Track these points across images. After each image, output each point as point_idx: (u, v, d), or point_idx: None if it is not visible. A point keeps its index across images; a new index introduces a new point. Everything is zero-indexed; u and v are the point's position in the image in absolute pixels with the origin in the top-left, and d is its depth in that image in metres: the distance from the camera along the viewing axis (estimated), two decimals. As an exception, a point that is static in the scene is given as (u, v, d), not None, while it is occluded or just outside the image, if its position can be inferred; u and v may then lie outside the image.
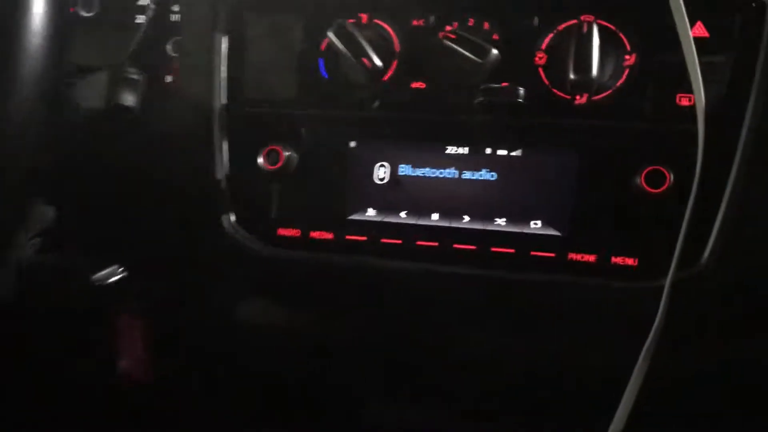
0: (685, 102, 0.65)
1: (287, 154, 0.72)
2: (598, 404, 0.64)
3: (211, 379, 0.82)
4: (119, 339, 0.81)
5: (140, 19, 0.81)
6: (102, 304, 0.79)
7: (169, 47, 0.80)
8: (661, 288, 0.62)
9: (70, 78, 0.76)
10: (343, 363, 0.77)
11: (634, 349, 0.62)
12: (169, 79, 0.79)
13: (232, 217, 0.74)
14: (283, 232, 0.73)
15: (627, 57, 0.66)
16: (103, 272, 0.77)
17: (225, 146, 0.75)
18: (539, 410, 0.75)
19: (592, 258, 0.66)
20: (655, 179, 0.63)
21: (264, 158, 0.72)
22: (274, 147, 0.72)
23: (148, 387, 0.82)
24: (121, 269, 0.78)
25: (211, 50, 0.76)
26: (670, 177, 0.63)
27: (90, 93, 0.72)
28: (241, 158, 0.74)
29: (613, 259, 0.65)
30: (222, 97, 0.75)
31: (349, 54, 0.70)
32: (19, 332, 0.80)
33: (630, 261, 0.65)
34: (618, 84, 0.66)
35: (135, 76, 0.75)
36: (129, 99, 0.75)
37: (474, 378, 0.75)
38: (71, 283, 0.77)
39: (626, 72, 0.66)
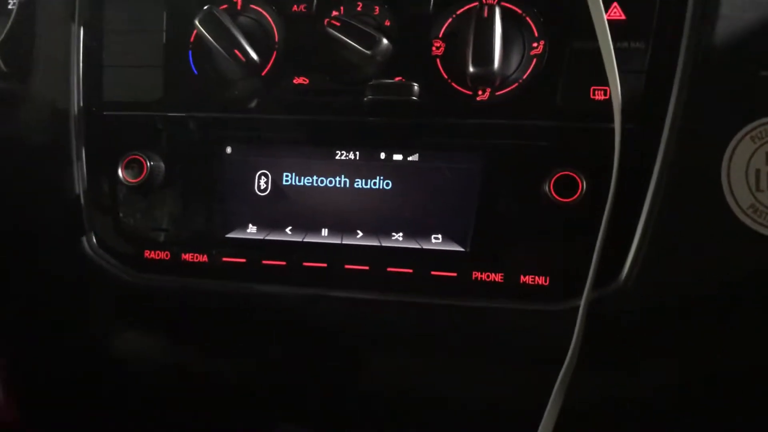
0: (599, 96, 0.57)
1: (152, 164, 0.62)
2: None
3: (82, 418, 0.72)
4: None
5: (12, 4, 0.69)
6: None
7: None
8: (576, 309, 0.55)
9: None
10: (222, 399, 0.67)
11: (548, 377, 0.55)
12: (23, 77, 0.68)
13: (93, 239, 0.64)
14: (150, 255, 0.63)
15: (534, 45, 0.58)
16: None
17: (83, 156, 0.64)
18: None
19: (498, 277, 0.58)
20: (566, 186, 0.55)
21: (124, 170, 0.62)
22: (135, 156, 0.62)
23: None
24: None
25: (67, 44, 0.66)
26: (583, 184, 0.55)
27: None
28: (102, 170, 0.64)
29: (522, 278, 0.57)
30: (79, 99, 0.65)
31: (218, 46, 0.60)
32: None
33: (540, 280, 0.57)
34: (524, 76, 0.58)
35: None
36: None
37: (371, 409, 0.66)
38: None
39: (533, 62, 0.58)
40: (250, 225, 0.62)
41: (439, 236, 0.59)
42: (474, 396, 0.63)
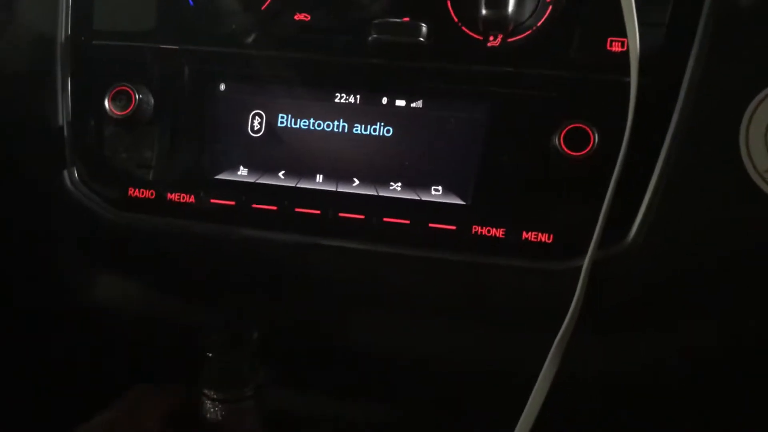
0: (616, 47, 0.54)
1: (140, 97, 0.58)
2: (505, 399, 0.54)
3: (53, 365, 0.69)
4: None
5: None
6: None
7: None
8: (579, 269, 0.52)
9: None
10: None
11: (546, 339, 0.52)
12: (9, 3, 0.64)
13: (75, 173, 0.61)
14: (134, 192, 0.60)
15: (551, -9, 0.55)
16: None
17: (69, 86, 0.61)
18: (438, 404, 0.65)
19: (499, 232, 0.55)
20: (576, 139, 0.52)
21: (111, 102, 0.58)
22: (123, 88, 0.58)
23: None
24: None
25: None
26: (595, 137, 0.52)
27: None
28: (87, 101, 0.61)
29: (525, 234, 0.55)
30: (67, 27, 0.62)
31: (217, -25, 0.57)
32: None
33: (543, 237, 0.54)
34: (539, 23, 0.55)
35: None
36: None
37: (359, 367, 0.64)
38: None
39: (549, 9, 0.55)
40: (241, 167, 0.59)
41: (440, 188, 0.56)
42: (467, 356, 0.61)
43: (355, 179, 0.58)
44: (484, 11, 0.53)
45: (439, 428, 0.67)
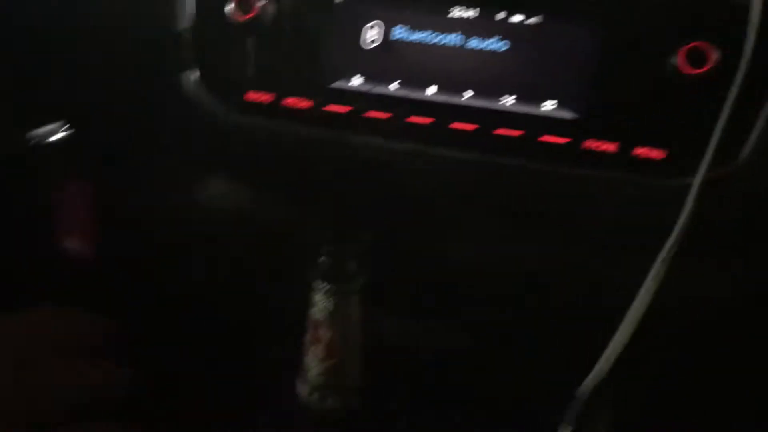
0: (740, -31, 0.54)
1: (262, 3, 0.60)
2: (603, 315, 0.56)
3: (160, 266, 0.72)
4: (61, 208, 0.70)
5: None
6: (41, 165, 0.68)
7: None
8: (689, 186, 0.53)
9: None
10: (313, 252, 0.67)
11: (649, 257, 0.54)
12: None
13: (195, 75, 0.63)
14: (252, 96, 0.62)
15: None
16: (44, 129, 0.66)
17: (192, -12, 0.63)
18: (536, 319, 0.67)
19: (612, 147, 0.56)
20: (695, 57, 0.53)
21: (234, 6, 0.60)
22: (257, -8, 0.60)
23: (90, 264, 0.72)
24: (65, 126, 0.67)
25: None
26: (714, 56, 0.53)
27: None
28: (209, 5, 0.63)
29: (637, 150, 0.56)
30: (189, -72, 0.63)
31: None
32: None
33: (656, 153, 0.56)
34: (661, -59, 0.55)
35: None
36: None
37: (464, 282, 0.66)
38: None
39: (672, -74, 0.55)
40: (356, 76, 0.61)
41: (554, 101, 0.58)
42: (569, 272, 0.62)
43: (468, 91, 0.59)
44: (606, -73, 0.54)
45: (538, 344, 0.69)
